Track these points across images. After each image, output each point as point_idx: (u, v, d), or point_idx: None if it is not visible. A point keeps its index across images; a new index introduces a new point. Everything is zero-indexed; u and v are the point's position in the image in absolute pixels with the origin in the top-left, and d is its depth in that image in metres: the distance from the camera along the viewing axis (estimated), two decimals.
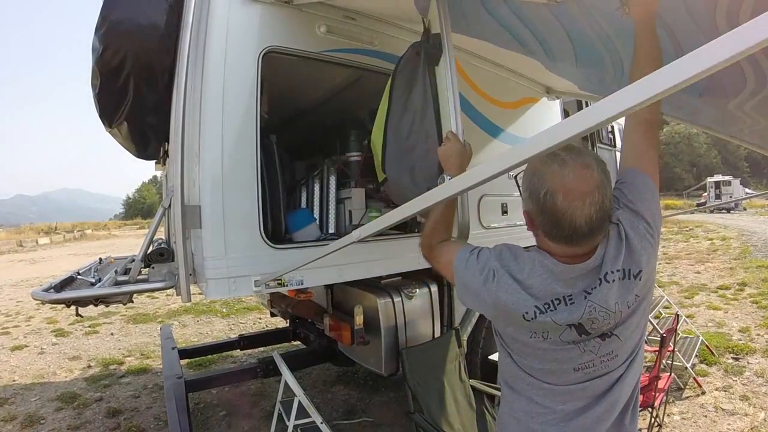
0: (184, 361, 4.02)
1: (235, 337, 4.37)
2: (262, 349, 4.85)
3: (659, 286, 6.12)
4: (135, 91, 2.37)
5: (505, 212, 3.43)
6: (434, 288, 3.02)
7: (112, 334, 6.82)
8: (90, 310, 4.53)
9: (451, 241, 1.51)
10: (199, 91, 1.94)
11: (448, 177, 1.56)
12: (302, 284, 2.15)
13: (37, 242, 30.07)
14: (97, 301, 2.21)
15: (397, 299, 2.79)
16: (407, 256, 2.59)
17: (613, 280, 1.14)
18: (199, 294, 2.22)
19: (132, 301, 2.57)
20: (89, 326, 7.12)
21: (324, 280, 2.24)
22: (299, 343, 4.29)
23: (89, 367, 5.44)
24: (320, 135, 3.76)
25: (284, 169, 3.35)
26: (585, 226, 1.07)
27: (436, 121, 1.79)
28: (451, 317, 3.08)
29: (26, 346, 6.36)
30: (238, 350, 4.44)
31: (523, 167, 1.16)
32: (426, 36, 1.83)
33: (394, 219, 1.12)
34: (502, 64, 3.43)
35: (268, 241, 2.05)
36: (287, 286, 2.11)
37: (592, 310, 1.13)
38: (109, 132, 2.82)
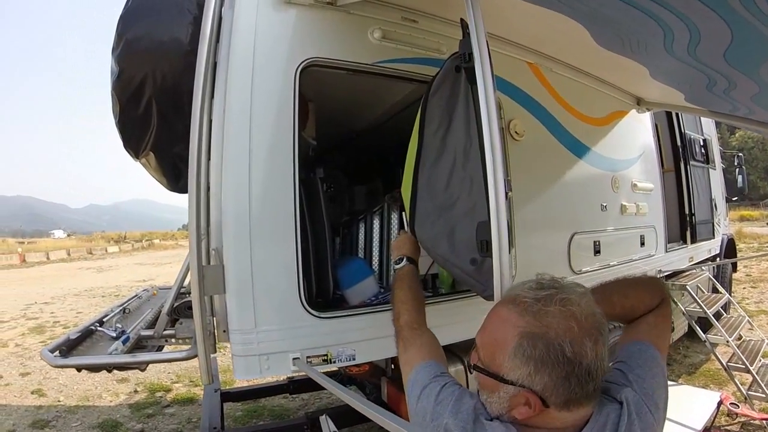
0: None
1: (283, 380, 4.03)
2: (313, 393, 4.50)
3: (749, 317, 5.20)
4: (159, 117, 2.03)
5: (597, 252, 2.85)
6: None
7: None
8: None
9: (429, 342, 1.30)
10: (221, 117, 1.52)
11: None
12: (354, 360, 1.69)
13: (106, 250, 31.80)
14: (109, 368, 1.88)
15: None
16: (481, 318, 2.08)
17: None
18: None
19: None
20: None
21: (382, 353, 1.78)
22: (355, 387, 3.89)
23: (136, 392, 5.28)
24: (380, 160, 3.33)
25: (339, 202, 2.91)
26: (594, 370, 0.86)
27: (483, 164, 1.27)
28: None
29: None
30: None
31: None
32: (467, 42, 1.30)
33: None
34: (590, 72, 2.88)
35: (310, 309, 1.60)
36: (335, 362, 1.67)
37: None
38: (139, 163, 2.50)
